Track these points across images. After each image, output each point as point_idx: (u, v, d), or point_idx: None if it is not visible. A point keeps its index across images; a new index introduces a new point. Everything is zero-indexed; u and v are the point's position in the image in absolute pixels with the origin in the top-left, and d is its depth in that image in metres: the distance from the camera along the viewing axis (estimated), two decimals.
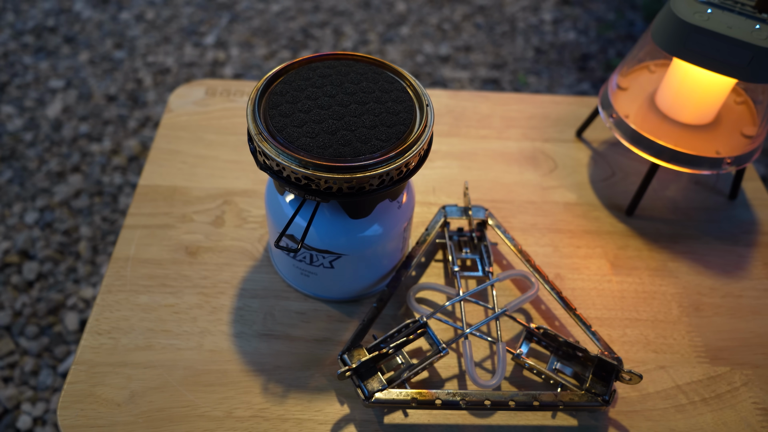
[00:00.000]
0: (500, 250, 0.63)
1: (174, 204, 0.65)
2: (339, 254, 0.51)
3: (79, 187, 1.34)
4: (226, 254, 0.61)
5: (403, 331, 0.52)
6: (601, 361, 0.51)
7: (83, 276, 1.19)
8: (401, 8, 1.86)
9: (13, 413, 1.01)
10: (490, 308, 0.56)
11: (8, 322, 1.11)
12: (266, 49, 1.69)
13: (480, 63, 1.69)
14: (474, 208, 0.62)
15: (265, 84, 0.48)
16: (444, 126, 0.75)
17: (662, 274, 0.62)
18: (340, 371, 0.48)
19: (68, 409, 0.50)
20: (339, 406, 0.51)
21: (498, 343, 0.53)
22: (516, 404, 0.49)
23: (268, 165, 0.46)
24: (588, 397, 0.50)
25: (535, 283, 0.57)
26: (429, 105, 0.48)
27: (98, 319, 0.56)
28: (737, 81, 0.61)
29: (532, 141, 0.74)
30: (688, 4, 0.57)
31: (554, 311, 0.59)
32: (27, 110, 1.50)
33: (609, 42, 1.78)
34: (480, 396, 0.49)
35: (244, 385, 0.52)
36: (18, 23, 1.72)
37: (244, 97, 0.77)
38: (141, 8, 1.80)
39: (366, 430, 0.50)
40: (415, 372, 0.50)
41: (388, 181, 0.45)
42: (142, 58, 1.65)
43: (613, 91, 0.67)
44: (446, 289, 0.57)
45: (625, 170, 0.72)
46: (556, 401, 0.50)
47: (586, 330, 0.54)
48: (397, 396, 0.49)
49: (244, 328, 0.56)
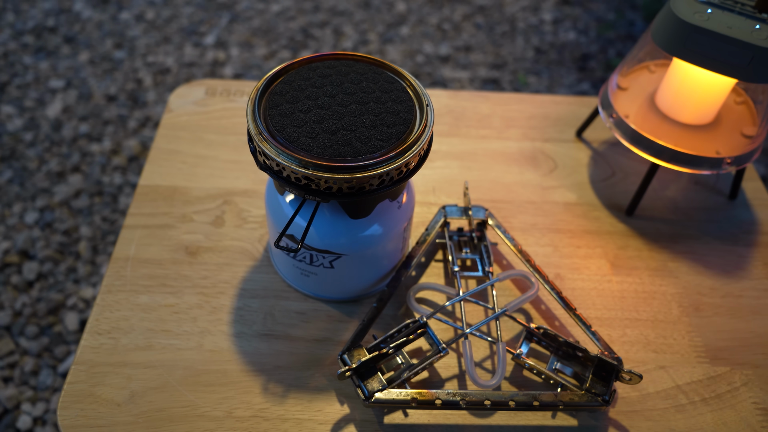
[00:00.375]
0: (500, 250, 0.63)
1: (174, 204, 0.65)
2: (339, 254, 0.51)
3: (79, 187, 1.34)
4: (226, 254, 0.61)
5: (403, 331, 0.52)
6: (601, 361, 0.51)
7: (83, 276, 1.19)
8: (401, 8, 1.86)
9: (13, 413, 1.01)
10: (490, 308, 0.56)
11: (8, 322, 1.11)
12: (266, 49, 1.69)
13: (480, 63, 1.69)
14: (474, 208, 0.62)
15: (265, 84, 0.48)
16: (444, 126, 0.75)
17: (662, 274, 0.62)
18: (340, 371, 0.48)
19: (68, 409, 0.50)
20: (339, 406, 0.51)
21: (498, 343, 0.53)
22: (516, 404, 0.49)
23: (268, 165, 0.46)
24: (588, 397, 0.50)
25: (535, 283, 0.57)
26: (429, 105, 0.48)
27: (98, 319, 0.56)
28: (737, 81, 0.61)
29: (532, 141, 0.74)
30: (688, 4, 0.57)
31: (554, 311, 0.59)
32: (27, 110, 1.50)
33: (609, 42, 1.78)
34: (480, 396, 0.50)
35: (244, 385, 0.52)
36: (18, 23, 1.72)
37: (244, 97, 0.77)
38: (141, 8, 1.80)
39: (366, 430, 0.50)
40: (415, 372, 0.50)
41: (388, 181, 0.45)
42: (142, 58, 1.65)
43: (613, 91, 0.67)
44: (446, 289, 0.57)
45: (625, 170, 0.72)
46: (556, 401, 0.50)
47: (586, 330, 0.54)
48: (397, 396, 0.49)
49: (244, 328, 0.56)
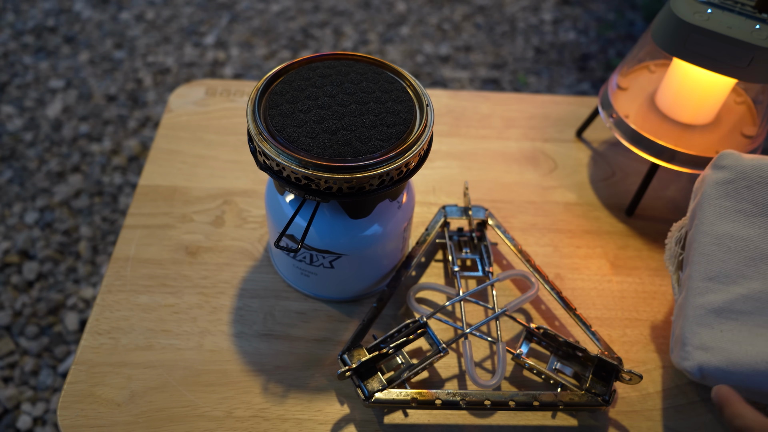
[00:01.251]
0: (500, 250, 0.63)
1: (174, 204, 0.65)
2: (339, 254, 0.51)
3: (79, 187, 1.34)
4: (226, 254, 0.61)
5: (403, 331, 0.52)
6: (601, 361, 0.51)
7: (83, 276, 1.19)
8: (401, 8, 1.86)
9: (13, 413, 1.01)
10: (490, 308, 0.56)
11: (8, 322, 1.11)
12: (266, 49, 1.69)
13: (480, 63, 1.69)
14: (474, 208, 0.62)
15: (265, 84, 0.48)
16: (444, 126, 0.75)
17: (662, 274, 0.62)
18: (340, 371, 0.48)
19: (68, 409, 0.50)
20: (339, 406, 0.51)
21: (498, 343, 0.53)
22: (516, 404, 0.49)
23: (268, 165, 0.46)
24: (588, 397, 0.50)
25: (535, 283, 0.57)
26: (429, 105, 0.48)
27: (98, 319, 0.56)
28: (737, 81, 0.61)
29: (532, 141, 0.74)
30: (688, 4, 0.57)
31: (554, 311, 0.59)
32: (27, 110, 1.50)
33: (609, 42, 1.78)
34: (480, 396, 0.49)
35: (244, 385, 0.52)
36: (18, 23, 1.72)
37: (244, 97, 0.77)
38: (141, 8, 1.80)
39: (366, 430, 0.50)
40: (415, 372, 0.50)
41: (388, 181, 0.45)
42: (142, 58, 1.65)
43: (613, 91, 0.67)
44: (446, 289, 0.57)
45: (625, 170, 0.72)
46: (556, 401, 0.50)
47: (586, 330, 0.54)
48: (397, 396, 0.49)
49: (244, 328, 0.56)
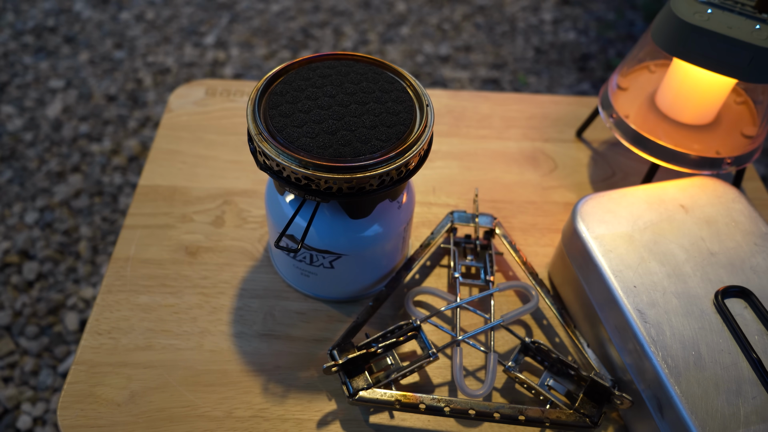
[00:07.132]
0: (507, 260, 0.62)
1: (174, 204, 0.65)
2: (339, 254, 0.51)
3: (79, 187, 1.34)
4: (226, 254, 0.61)
5: (395, 332, 0.52)
6: (593, 381, 0.49)
7: (83, 276, 1.19)
8: (401, 8, 1.86)
9: (13, 413, 1.01)
10: (487, 318, 0.55)
11: (8, 322, 1.11)
12: (266, 49, 1.69)
13: (480, 63, 1.69)
14: (481, 216, 0.61)
15: (265, 84, 0.48)
16: (444, 126, 0.75)
17: None
18: (326, 365, 0.48)
19: (68, 409, 0.50)
20: (339, 407, 0.51)
21: (490, 354, 0.52)
22: (501, 416, 0.48)
23: (268, 165, 0.46)
24: (576, 417, 0.48)
25: (535, 295, 0.57)
26: (429, 105, 0.48)
27: (98, 319, 0.56)
28: (737, 81, 0.61)
29: (532, 141, 0.74)
30: (688, 4, 0.57)
31: (556, 328, 0.58)
32: (27, 110, 1.50)
33: (609, 42, 1.78)
34: (465, 405, 0.48)
35: (244, 385, 0.52)
36: (18, 23, 1.72)
37: (244, 97, 0.77)
38: (141, 8, 1.80)
39: (366, 430, 0.50)
40: (402, 374, 0.50)
41: (388, 181, 0.45)
42: (142, 58, 1.65)
43: (613, 91, 0.67)
44: (444, 294, 0.57)
45: (625, 170, 0.72)
46: (542, 417, 0.48)
47: (583, 348, 0.52)
48: (381, 396, 0.48)
49: (244, 328, 0.56)
